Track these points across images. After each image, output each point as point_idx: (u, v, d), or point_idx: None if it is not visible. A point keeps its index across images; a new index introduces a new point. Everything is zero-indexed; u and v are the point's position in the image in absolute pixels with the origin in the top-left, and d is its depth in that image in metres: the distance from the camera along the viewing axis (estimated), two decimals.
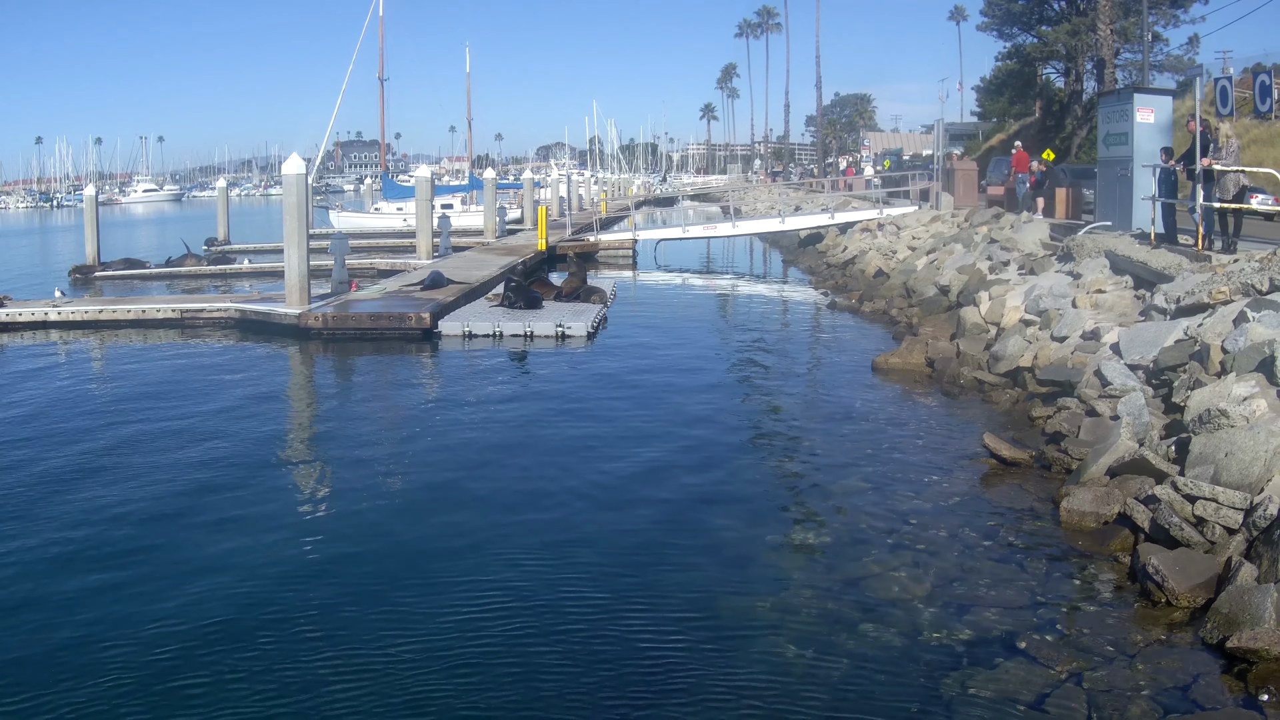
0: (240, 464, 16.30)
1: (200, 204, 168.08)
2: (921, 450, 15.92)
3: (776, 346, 26.62)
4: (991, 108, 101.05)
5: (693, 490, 14.57)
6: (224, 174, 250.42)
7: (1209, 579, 10.31)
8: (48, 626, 10.64)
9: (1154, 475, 12.55)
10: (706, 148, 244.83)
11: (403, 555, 12.58)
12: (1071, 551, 11.76)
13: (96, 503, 14.45)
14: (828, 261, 43.65)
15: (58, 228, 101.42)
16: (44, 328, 28.54)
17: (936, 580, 11.10)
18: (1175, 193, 23.59)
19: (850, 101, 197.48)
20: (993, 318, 22.86)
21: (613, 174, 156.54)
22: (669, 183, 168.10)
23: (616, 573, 11.79)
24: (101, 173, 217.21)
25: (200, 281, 42.44)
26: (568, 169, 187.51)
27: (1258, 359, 13.74)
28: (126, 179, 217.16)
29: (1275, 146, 46.67)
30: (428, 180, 43.86)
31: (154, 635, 10.49)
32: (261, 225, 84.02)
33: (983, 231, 32.69)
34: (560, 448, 16.80)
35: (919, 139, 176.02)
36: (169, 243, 66.51)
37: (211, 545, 12.89)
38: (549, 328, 26.05)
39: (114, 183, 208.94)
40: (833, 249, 45.83)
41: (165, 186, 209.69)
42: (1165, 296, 18.04)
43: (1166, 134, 25.61)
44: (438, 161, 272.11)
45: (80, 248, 47.74)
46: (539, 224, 46.20)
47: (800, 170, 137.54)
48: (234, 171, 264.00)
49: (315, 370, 24.52)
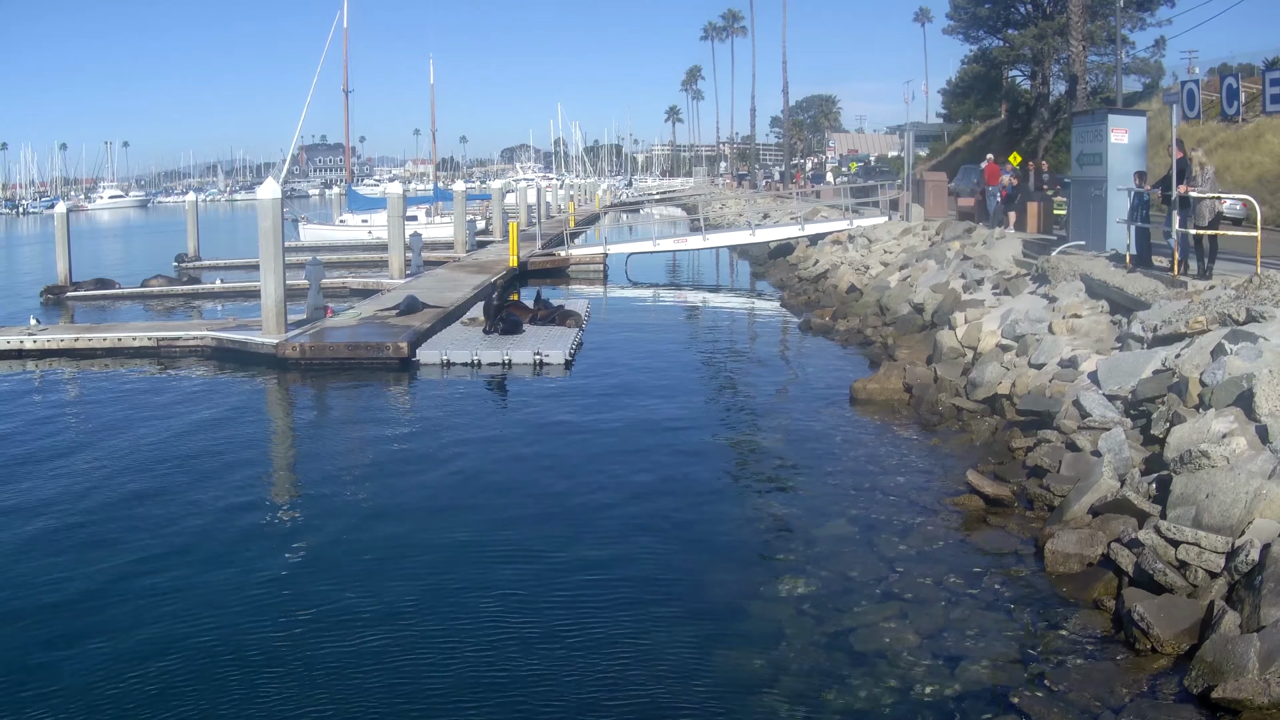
0: (221, 499, 16.61)
1: (166, 210, 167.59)
2: (904, 489, 16.01)
3: (754, 373, 26.76)
4: (957, 110, 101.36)
5: (678, 535, 14.64)
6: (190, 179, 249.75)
7: (1193, 624, 10.45)
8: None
9: (1136, 515, 12.69)
10: (671, 149, 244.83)
11: (375, 592, 12.94)
12: (1057, 598, 11.89)
13: (58, 536, 14.95)
14: (799, 275, 43.69)
15: (25, 238, 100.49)
16: (19, 356, 28.37)
17: (925, 632, 11.20)
18: (1148, 215, 23.77)
19: (815, 103, 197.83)
20: (969, 341, 23.00)
21: (578, 177, 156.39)
22: (634, 187, 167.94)
23: (601, 624, 11.85)
24: (67, 178, 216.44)
25: (173, 302, 42.24)
26: (533, 171, 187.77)
27: (1236, 392, 13.88)
28: (92, 185, 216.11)
29: (1243, 150, 46.85)
30: (399, 197, 43.71)
31: (117, 667, 10.99)
32: (230, 236, 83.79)
33: (955, 248, 32.90)
34: (537, 488, 16.85)
35: (884, 140, 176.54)
36: (137, 255, 66.52)
37: (184, 579, 13.34)
38: (527, 355, 26.06)
39: (80, 189, 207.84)
40: (804, 262, 45.90)
41: (131, 192, 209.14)
42: (1142, 325, 18.20)
43: (1140, 154, 25.82)
44: (402, 164, 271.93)
45: (50, 262, 47.45)
46: (510, 240, 46.26)
47: (764, 174, 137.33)
48: (199, 176, 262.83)
49: (294, 403, 24.44)
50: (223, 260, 54.76)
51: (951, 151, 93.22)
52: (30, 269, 60.19)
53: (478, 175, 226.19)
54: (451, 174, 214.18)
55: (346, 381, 25.36)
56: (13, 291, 47.68)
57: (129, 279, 46.46)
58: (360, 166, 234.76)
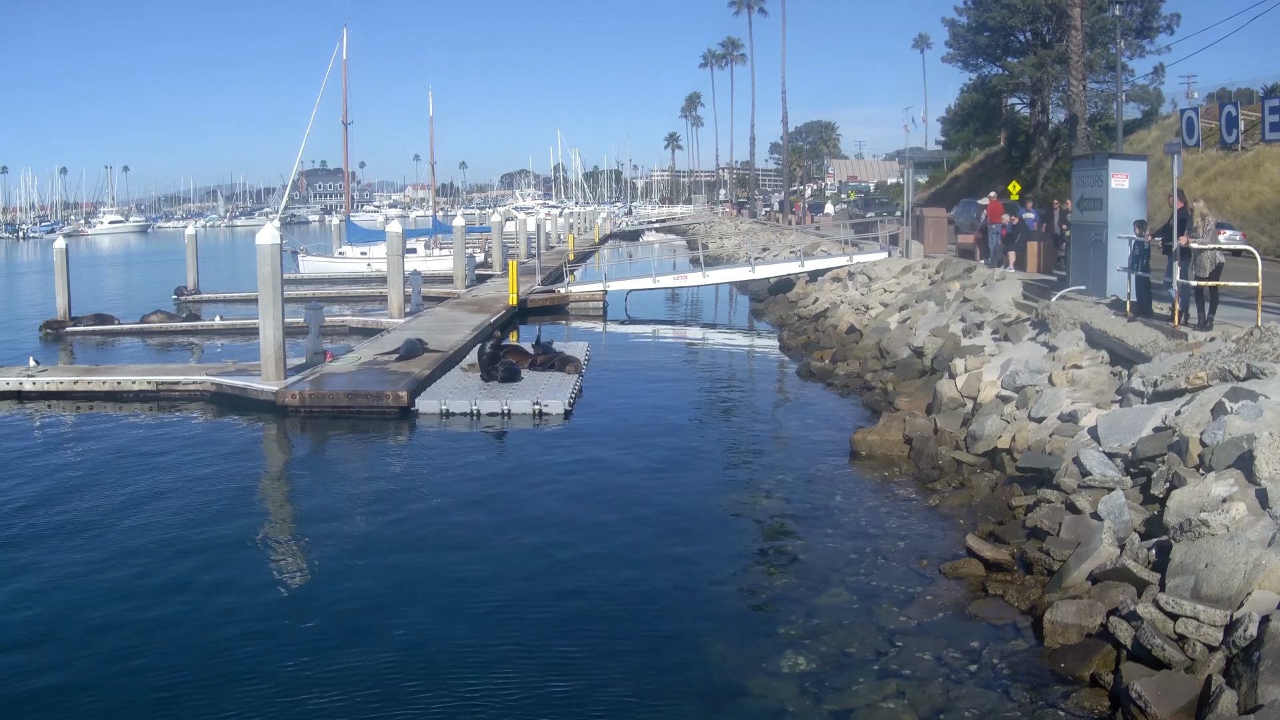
0: (218, 545, 17.16)
1: (166, 236, 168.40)
2: (904, 555, 15.94)
3: (753, 423, 26.73)
4: (957, 137, 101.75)
5: (679, 601, 14.66)
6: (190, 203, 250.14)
7: (1190, 701, 10.41)
8: None
9: (1135, 584, 12.66)
10: (671, 174, 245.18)
11: (364, 644, 13.40)
12: (1054, 675, 11.83)
13: (46, 582, 15.55)
14: (798, 314, 43.69)
15: (25, 267, 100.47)
16: (18, 398, 28.43)
17: (923, 713, 11.19)
18: (1149, 264, 23.76)
19: (814, 129, 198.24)
20: (969, 391, 23.00)
21: (577, 204, 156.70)
22: (634, 214, 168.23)
23: (599, 698, 11.88)
24: (67, 202, 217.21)
25: (172, 338, 42.34)
26: (532, 198, 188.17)
27: (1236, 454, 13.87)
28: (92, 209, 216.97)
29: (1242, 179, 46.93)
30: (399, 235, 43.71)
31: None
32: (230, 264, 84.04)
33: (955, 288, 32.90)
34: (529, 550, 16.85)
35: (883, 166, 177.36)
36: (137, 286, 66.62)
37: (175, 622, 14.06)
38: (526, 405, 26.01)
39: (80, 213, 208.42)
40: (803, 299, 45.94)
41: (131, 217, 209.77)
42: (1143, 379, 18.17)
43: (1141, 199, 25.81)
44: (402, 189, 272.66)
45: (49, 293, 47.53)
46: (510, 278, 46.35)
47: (763, 202, 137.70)
48: (199, 201, 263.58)
49: (292, 452, 24.45)
50: (222, 294, 54.87)
51: (950, 179, 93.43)
52: (30, 300, 60.37)
53: (477, 201, 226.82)
54: (451, 199, 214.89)
55: (346, 431, 25.38)
56: (12, 325, 47.77)
57: (129, 312, 46.60)
58: (359, 192, 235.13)
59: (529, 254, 66.57)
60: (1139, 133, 62.76)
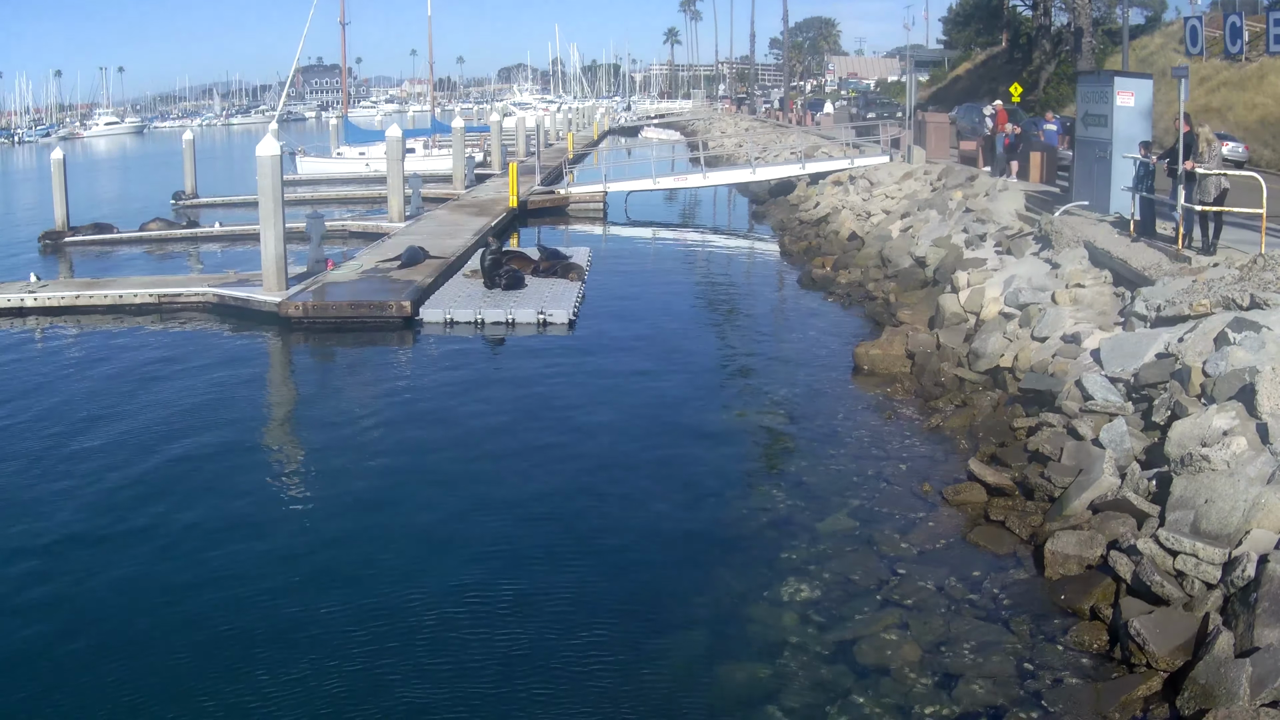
0: (223, 463, 17.51)
1: (162, 137, 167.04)
2: (907, 477, 16.06)
3: (756, 334, 26.73)
4: (958, 37, 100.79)
5: (682, 527, 14.74)
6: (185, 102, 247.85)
7: (1188, 639, 10.51)
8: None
9: (1136, 516, 12.78)
10: (670, 69, 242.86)
11: (367, 559, 13.83)
12: (1055, 607, 11.96)
13: (54, 500, 15.86)
14: (799, 218, 43.51)
15: (21, 173, 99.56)
16: (20, 315, 28.37)
17: (926, 644, 11.34)
18: (1153, 185, 23.63)
19: (814, 25, 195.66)
20: (972, 307, 23.00)
21: (575, 98, 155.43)
22: (633, 110, 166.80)
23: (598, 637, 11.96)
24: (62, 105, 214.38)
25: (172, 246, 42.27)
26: (530, 94, 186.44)
27: (1238, 385, 13.88)
28: (88, 111, 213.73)
29: (1246, 90, 46.38)
30: (399, 140, 43.36)
31: (119, 628, 12.14)
32: (227, 165, 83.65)
33: (957, 197, 32.73)
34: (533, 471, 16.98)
35: (883, 63, 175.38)
36: (135, 192, 66.26)
37: (182, 543, 14.39)
38: (530, 315, 26.08)
39: (75, 115, 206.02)
40: (804, 203, 45.73)
41: (126, 118, 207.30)
42: (1145, 303, 18.13)
43: (1147, 117, 25.53)
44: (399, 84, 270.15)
45: (46, 201, 47.12)
46: (510, 180, 46.14)
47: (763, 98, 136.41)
48: (195, 100, 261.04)
49: (295, 365, 24.70)
50: (221, 198, 54.62)
51: (951, 79, 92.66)
52: (27, 208, 59.99)
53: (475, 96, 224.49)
54: (448, 95, 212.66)
55: (349, 342, 25.51)
56: (11, 235, 47.45)
57: (127, 219, 46.18)
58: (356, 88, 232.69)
59: (528, 152, 66.26)
60: (1142, 38, 61.97)
